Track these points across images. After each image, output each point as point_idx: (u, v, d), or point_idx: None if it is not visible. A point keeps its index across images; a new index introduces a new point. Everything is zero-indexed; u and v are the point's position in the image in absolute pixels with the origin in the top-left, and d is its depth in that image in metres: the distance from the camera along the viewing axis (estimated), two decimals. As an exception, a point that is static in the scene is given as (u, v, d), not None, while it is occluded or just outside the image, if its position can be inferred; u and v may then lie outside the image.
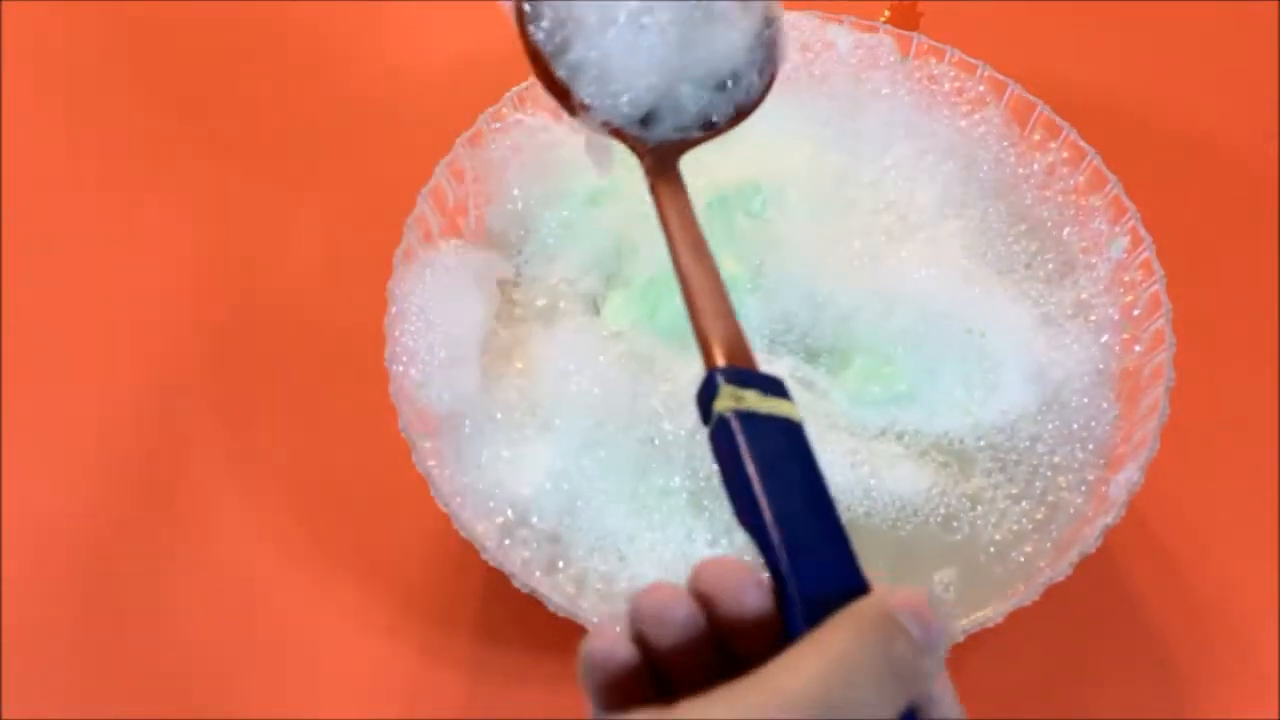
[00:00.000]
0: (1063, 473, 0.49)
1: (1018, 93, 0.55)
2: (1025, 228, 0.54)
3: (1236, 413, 0.56)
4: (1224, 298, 0.59)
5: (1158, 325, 0.49)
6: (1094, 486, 0.48)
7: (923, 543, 0.47)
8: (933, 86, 0.57)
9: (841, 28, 0.57)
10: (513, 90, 0.55)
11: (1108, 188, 0.53)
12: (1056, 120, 0.55)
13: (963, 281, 0.51)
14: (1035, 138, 0.55)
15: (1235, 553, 0.53)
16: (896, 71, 0.57)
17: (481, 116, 0.54)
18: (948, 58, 0.57)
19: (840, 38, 0.57)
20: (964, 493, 0.48)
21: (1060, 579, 0.44)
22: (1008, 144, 0.56)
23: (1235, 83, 0.67)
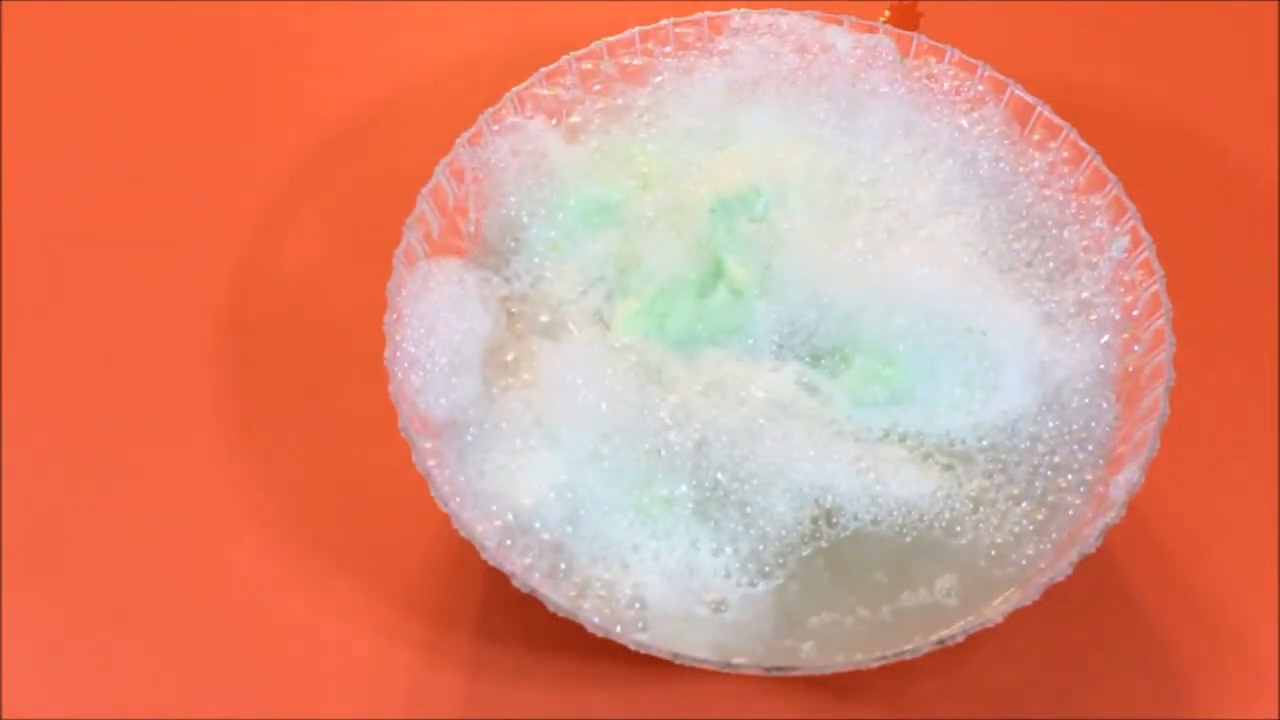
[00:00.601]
0: (1063, 473, 0.49)
1: (1018, 93, 0.55)
2: (1025, 225, 0.54)
3: (1236, 413, 0.56)
4: (1224, 298, 0.59)
5: (1158, 325, 0.49)
6: (1094, 486, 0.48)
7: (927, 549, 0.47)
8: (932, 86, 0.57)
9: (841, 29, 0.57)
10: (513, 91, 0.55)
11: (1108, 188, 0.53)
12: (1056, 120, 0.55)
13: (964, 279, 0.51)
14: (1035, 137, 0.55)
15: (1235, 553, 0.53)
16: (896, 71, 0.57)
17: (481, 117, 0.54)
18: (947, 57, 0.57)
19: (839, 39, 0.57)
20: (967, 495, 0.48)
21: (1060, 579, 0.44)
22: (1008, 143, 0.56)
23: (1235, 83, 0.67)
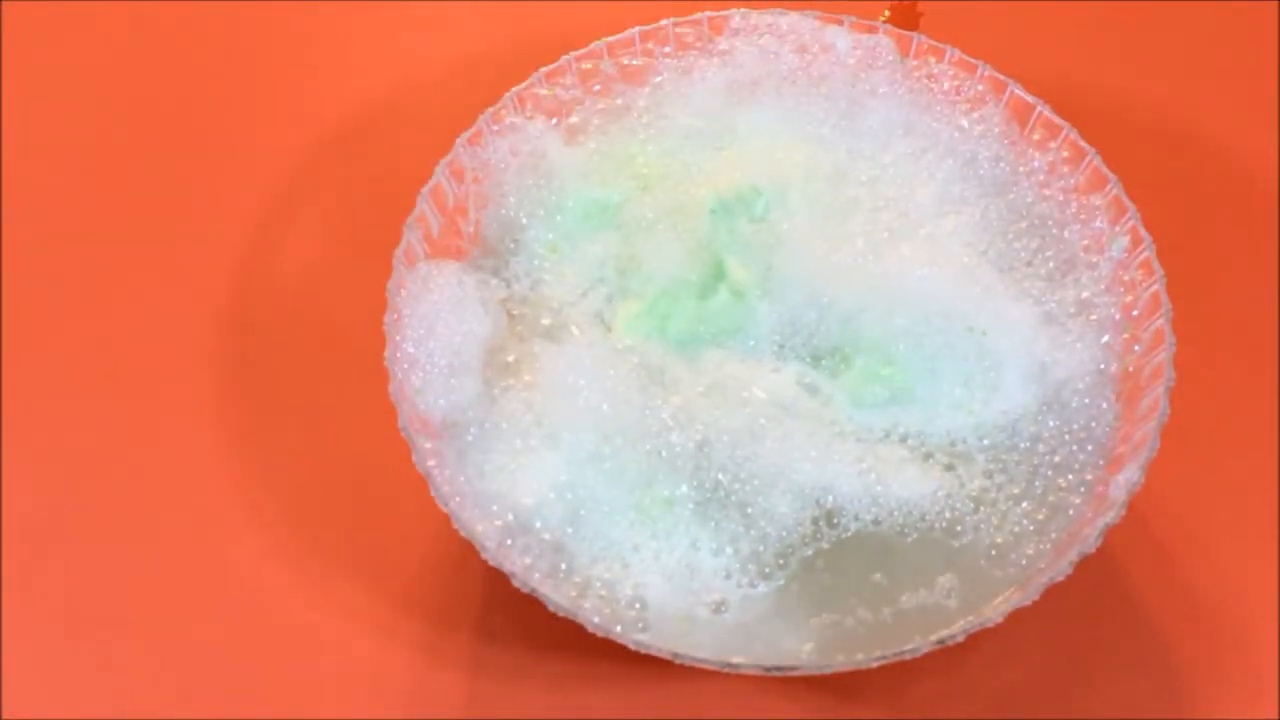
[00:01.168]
0: (1063, 473, 0.49)
1: (1018, 92, 0.55)
2: (1025, 225, 0.54)
3: (1236, 413, 0.56)
4: (1224, 298, 0.59)
5: (1158, 325, 0.49)
6: (1094, 486, 0.48)
7: (927, 549, 0.47)
8: (932, 86, 0.57)
9: (841, 29, 0.57)
10: (513, 91, 0.55)
11: (1108, 187, 0.53)
12: (1056, 120, 0.55)
13: (964, 279, 0.51)
14: (1035, 137, 0.55)
15: (1235, 553, 0.53)
16: (896, 71, 0.57)
17: (481, 117, 0.54)
18: (947, 57, 0.57)
19: (839, 39, 0.57)
20: (968, 494, 0.48)
21: (1060, 579, 0.44)
22: (1008, 143, 0.56)
23: (1235, 83, 0.67)
